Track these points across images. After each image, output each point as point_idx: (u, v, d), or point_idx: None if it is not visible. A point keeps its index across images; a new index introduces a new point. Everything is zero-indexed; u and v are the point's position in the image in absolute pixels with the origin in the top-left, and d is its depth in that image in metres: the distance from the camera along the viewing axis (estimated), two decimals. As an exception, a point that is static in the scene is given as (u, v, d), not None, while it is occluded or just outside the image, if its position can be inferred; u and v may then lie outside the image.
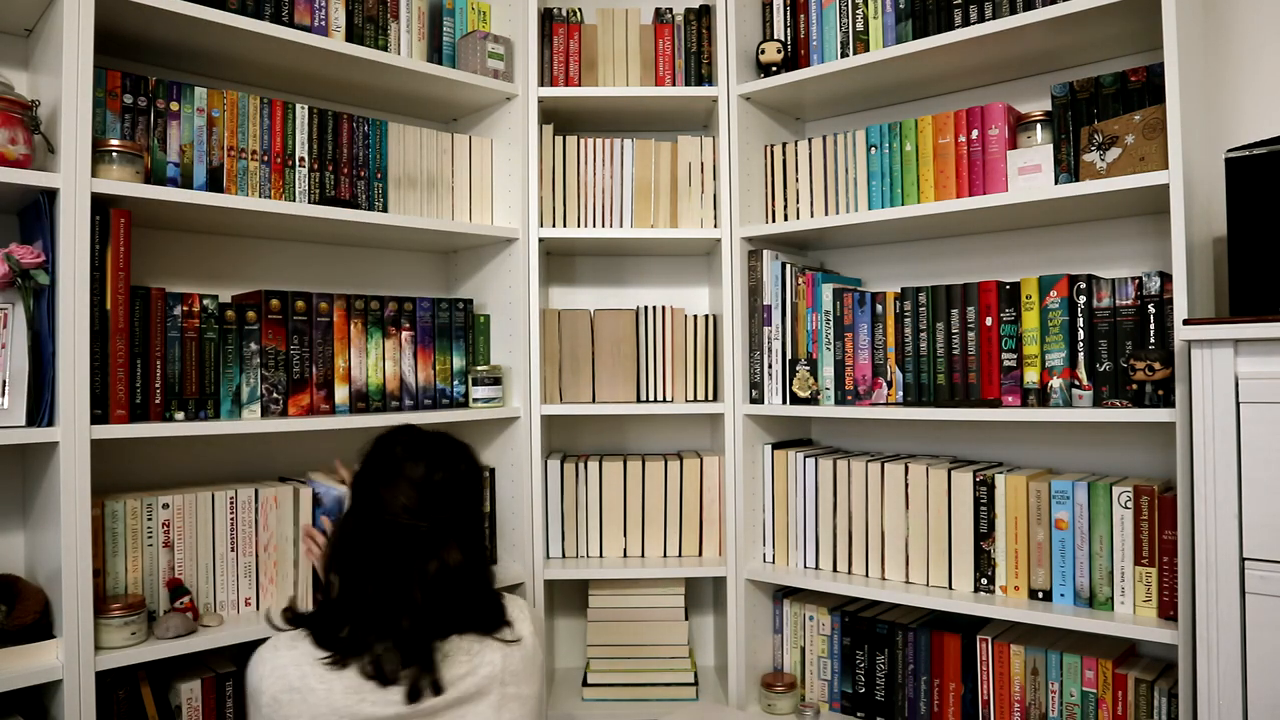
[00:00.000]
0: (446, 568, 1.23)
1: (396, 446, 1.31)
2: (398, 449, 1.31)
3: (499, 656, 1.24)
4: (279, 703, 1.15)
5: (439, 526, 1.25)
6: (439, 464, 1.29)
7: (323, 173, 1.81)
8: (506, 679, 1.24)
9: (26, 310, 1.43)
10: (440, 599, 1.22)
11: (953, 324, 1.82)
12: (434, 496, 1.26)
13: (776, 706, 1.98)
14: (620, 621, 2.08)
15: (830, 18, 2.00)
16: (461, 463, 1.33)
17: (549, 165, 2.09)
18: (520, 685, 1.25)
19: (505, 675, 1.24)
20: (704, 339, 2.12)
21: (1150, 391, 1.57)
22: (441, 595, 1.22)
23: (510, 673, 1.24)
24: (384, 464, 1.29)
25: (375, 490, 1.27)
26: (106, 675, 1.46)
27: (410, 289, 2.21)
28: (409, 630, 1.18)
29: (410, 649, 1.18)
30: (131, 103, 1.57)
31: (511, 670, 1.25)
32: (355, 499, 1.31)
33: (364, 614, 1.20)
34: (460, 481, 1.31)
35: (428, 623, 1.21)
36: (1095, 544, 1.65)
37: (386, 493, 1.25)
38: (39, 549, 1.52)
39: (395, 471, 1.27)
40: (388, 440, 1.33)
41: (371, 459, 1.32)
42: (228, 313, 1.66)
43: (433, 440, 1.34)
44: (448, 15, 2.05)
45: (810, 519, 2.01)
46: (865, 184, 1.96)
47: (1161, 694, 1.59)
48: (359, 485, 1.31)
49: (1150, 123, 1.58)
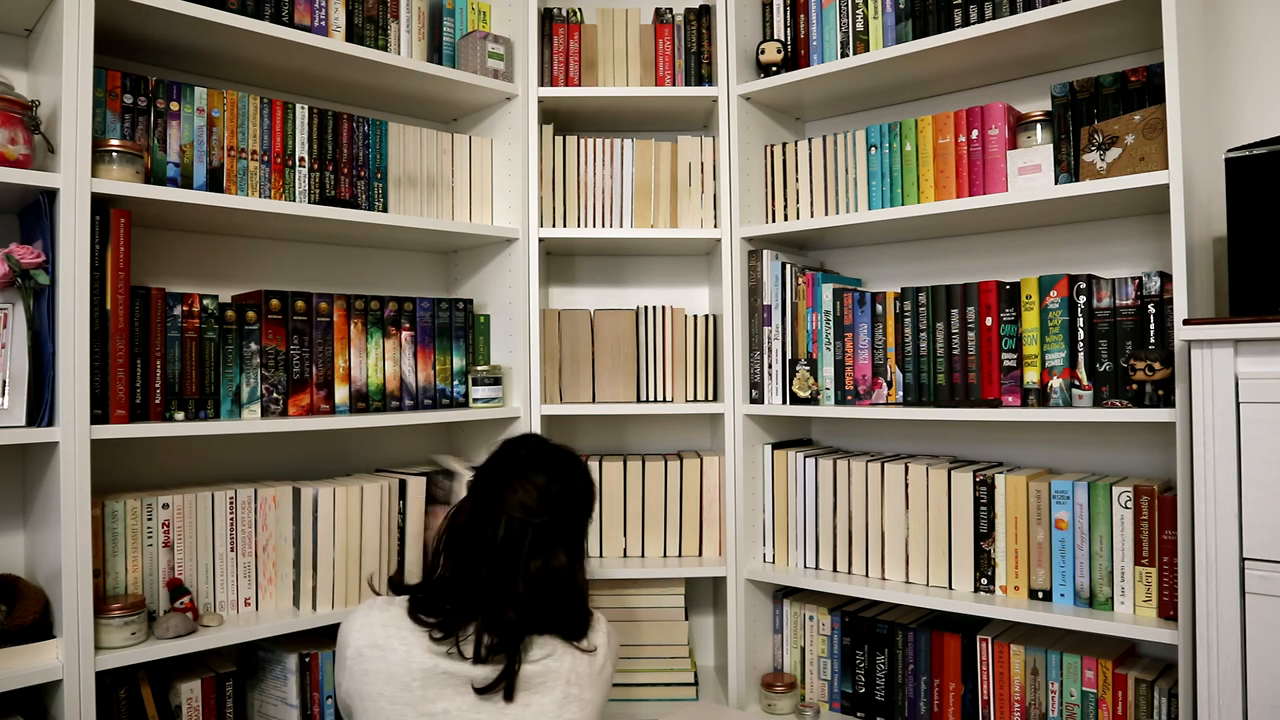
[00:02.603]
0: (549, 568, 1.31)
1: (523, 449, 1.42)
2: (523, 452, 1.41)
3: (570, 659, 1.31)
4: (362, 656, 1.25)
5: (550, 529, 1.33)
6: (559, 475, 1.39)
7: (323, 173, 1.81)
8: (573, 680, 1.30)
9: (26, 310, 1.43)
10: (539, 597, 1.30)
11: (953, 324, 1.82)
12: (550, 503, 1.35)
13: (776, 706, 1.98)
14: (620, 621, 2.08)
15: (830, 18, 2.00)
16: (579, 478, 1.43)
17: (549, 165, 2.09)
18: (584, 690, 1.31)
19: (573, 676, 1.30)
20: (704, 339, 2.12)
21: (1150, 391, 1.57)
22: (541, 593, 1.30)
23: (578, 675, 1.31)
24: (509, 464, 1.39)
25: (498, 485, 1.36)
26: (106, 675, 1.47)
27: (410, 289, 2.21)
28: (511, 621, 1.27)
29: (505, 638, 1.26)
30: (131, 103, 1.57)
31: (579, 673, 1.31)
32: (475, 491, 1.40)
33: (468, 596, 1.29)
34: (575, 495, 1.40)
35: (526, 616, 1.29)
36: (1095, 544, 1.65)
37: (508, 490, 1.35)
38: (39, 549, 1.52)
39: (518, 473, 1.37)
40: (515, 444, 1.45)
41: (497, 457, 1.43)
42: (228, 313, 1.66)
43: (556, 452, 1.44)
44: (448, 15, 2.05)
45: (810, 519, 2.01)
46: (865, 184, 1.96)
47: (1161, 694, 1.59)
48: (481, 479, 1.41)
49: (1150, 123, 1.58)
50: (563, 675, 1.29)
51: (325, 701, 1.70)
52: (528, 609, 1.29)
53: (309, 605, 1.71)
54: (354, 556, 1.74)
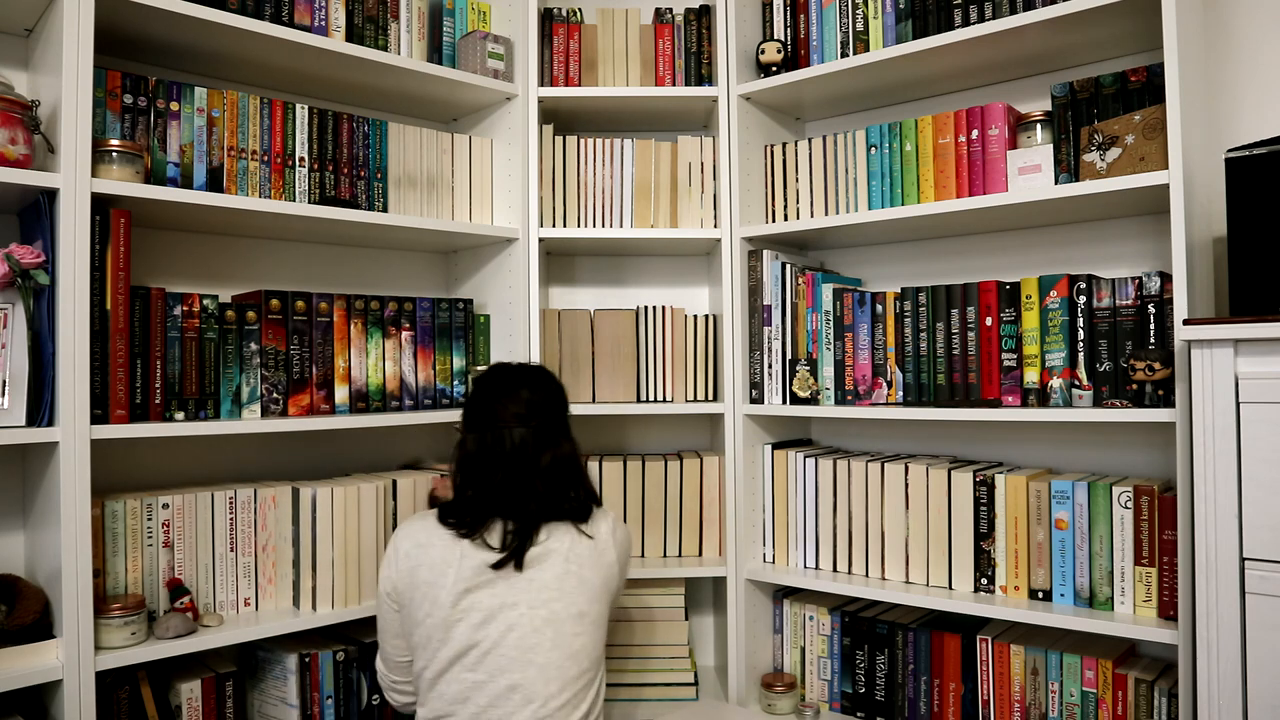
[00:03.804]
0: (560, 457, 1.49)
1: (497, 376, 1.56)
2: (498, 377, 1.56)
3: (569, 540, 1.46)
4: (409, 555, 1.44)
5: (546, 427, 1.50)
6: (537, 386, 1.54)
7: (323, 173, 1.81)
8: (570, 557, 1.45)
9: (26, 310, 1.43)
10: (555, 485, 1.47)
11: (953, 324, 1.82)
12: (537, 408, 1.51)
13: (776, 706, 1.98)
14: (620, 621, 2.08)
15: (830, 18, 2.00)
16: (551, 383, 1.58)
17: (549, 165, 2.09)
18: (582, 568, 1.45)
19: (570, 554, 1.45)
20: (704, 339, 2.12)
21: (1150, 391, 1.57)
22: (556, 481, 1.48)
23: (576, 554, 1.45)
24: (491, 390, 1.53)
25: (489, 409, 1.50)
26: (106, 675, 1.47)
27: (410, 289, 2.21)
28: (532, 511, 1.44)
29: (527, 526, 1.43)
30: (131, 103, 1.57)
31: (578, 553, 1.45)
32: (470, 421, 1.53)
33: (493, 501, 1.45)
34: (554, 397, 1.56)
35: (544, 505, 1.46)
36: (1095, 544, 1.65)
37: (499, 408, 1.49)
38: (39, 549, 1.52)
39: (503, 393, 1.52)
40: (489, 374, 1.58)
41: (479, 388, 1.56)
42: (228, 313, 1.66)
43: (526, 369, 1.60)
44: (448, 15, 2.05)
45: (810, 519, 2.01)
46: (865, 184, 1.96)
47: (1161, 694, 1.59)
48: (469, 412, 1.54)
49: (1150, 123, 1.58)
50: (561, 553, 1.44)
51: (325, 701, 1.71)
52: (545, 499, 1.46)
53: (309, 605, 1.71)
54: (354, 557, 1.74)
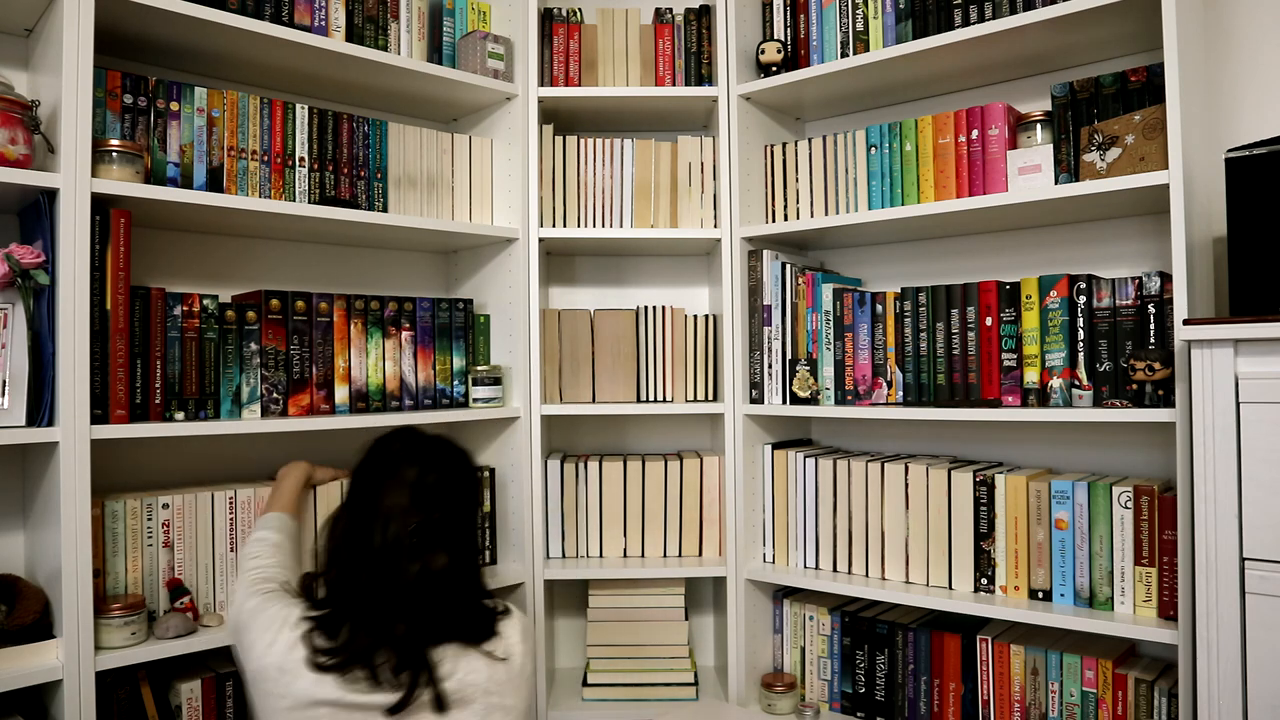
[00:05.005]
0: (430, 572, 1.23)
1: (395, 444, 1.33)
2: (396, 447, 1.32)
3: (486, 670, 1.23)
4: (266, 676, 1.18)
5: (428, 528, 1.25)
6: (433, 466, 1.30)
7: (323, 173, 1.81)
8: (492, 689, 1.22)
9: (26, 310, 1.43)
10: (425, 604, 1.21)
11: (953, 324, 1.82)
12: (426, 497, 1.26)
13: (776, 706, 1.98)
14: (620, 621, 2.08)
15: (830, 18, 2.00)
16: (456, 466, 1.34)
17: (549, 165, 2.09)
18: (505, 697, 1.24)
19: (491, 685, 1.23)
20: (704, 339, 2.12)
21: (1150, 391, 1.57)
22: (426, 600, 1.22)
23: (497, 683, 1.23)
24: (381, 462, 1.31)
25: (371, 487, 1.28)
26: (106, 675, 1.47)
27: (410, 289, 2.21)
28: (403, 636, 1.19)
29: (406, 654, 1.18)
30: (131, 103, 1.57)
31: (498, 681, 1.23)
32: (350, 495, 1.33)
33: (359, 616, 1.21)
34: (453, 485, 1.31)
35: (422, 628, 1.21)
36: (1095, 544, 1.65)
37: (382, 491, 1.27)
38: (39, 549, 1.52)
39: (390, 471, 1.29)
40: (386, 440, 1.35)
41: (370, 456, 1.34)
42: (228, 313, 1.66)
43: (431, 442, 1.35)
44: (448, 15, 2.05)
45: (810, 519, 2.01)
46: (865, 184, 1.96)
47: (1161, 694, 1.59)
48: (355, 482, 1.33)
49: (1150, 123, 1.58)
50: (480, 686, 1.21)
51: (325, 701, 1.70)
52: (416, 619, 1.20)
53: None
54: (354, 556, 1.74)
